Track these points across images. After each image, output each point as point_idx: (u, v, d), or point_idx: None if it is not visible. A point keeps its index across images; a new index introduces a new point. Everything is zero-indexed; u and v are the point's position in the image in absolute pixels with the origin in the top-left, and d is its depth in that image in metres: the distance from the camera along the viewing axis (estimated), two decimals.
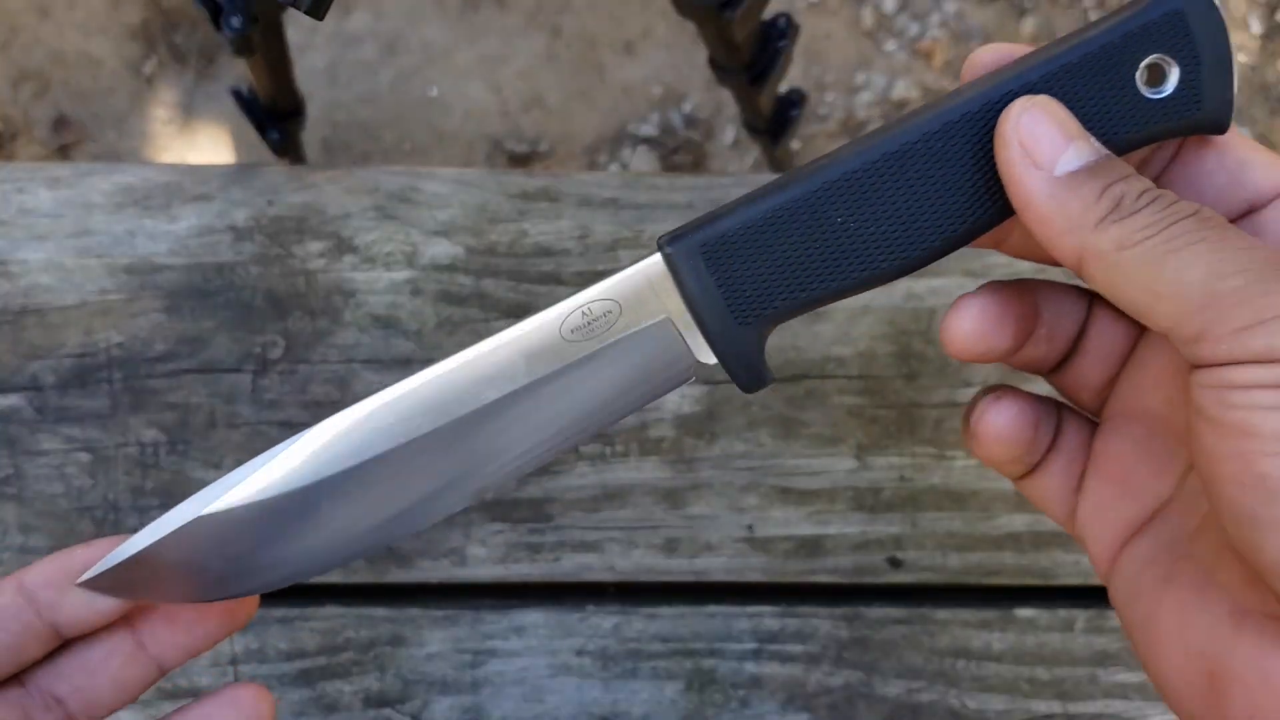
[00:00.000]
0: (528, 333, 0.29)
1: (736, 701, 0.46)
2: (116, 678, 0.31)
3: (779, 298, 0.29)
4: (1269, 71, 1.19)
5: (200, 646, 0.32)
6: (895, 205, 0.28)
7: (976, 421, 0.31)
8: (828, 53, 1.19)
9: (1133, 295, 0.25)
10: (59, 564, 0.30)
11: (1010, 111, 0.27)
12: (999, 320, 0.29)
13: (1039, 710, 0.46)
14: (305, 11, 0.44)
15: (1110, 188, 0.26)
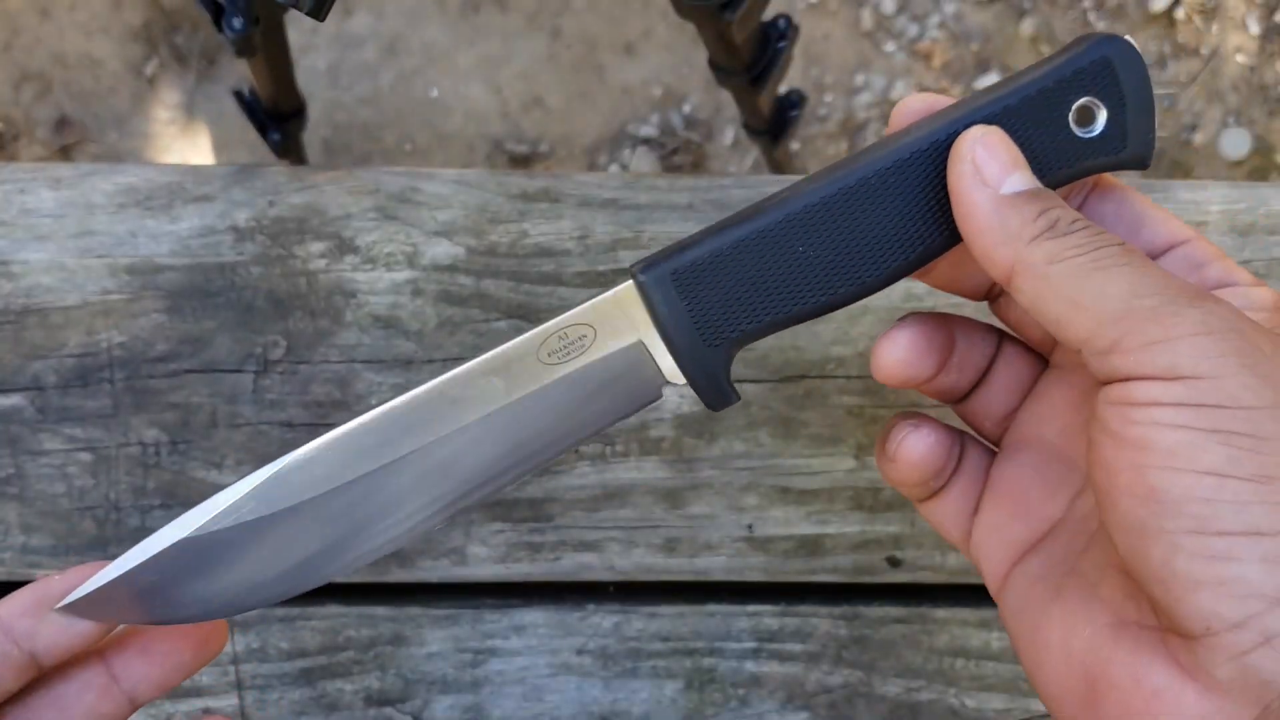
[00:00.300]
0: (507, 355, 0.31)
1: (736, 700, 0.46)
2: (90, 712, 0.31)
3: (744, 321, 0.31)
4: (1267, 72, 1.19)
5: (173, 679, 0.32)
6: (851, 236, 0.30)
7: (896, 447, 0.33)
8: (827, 54, 1.19)
9: (1056, 307, 0.27)
10: (35, 593, 0.30)
11: (968, 134, 0.29)
12: (924, 350, 0.32)
13: (1038, 709, 0.46)
14: (306, 13, 0.45)
15: (1047, 211, 0.28)
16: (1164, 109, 1.19)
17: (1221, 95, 1.19)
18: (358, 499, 0.31)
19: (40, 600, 0.30)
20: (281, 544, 0.31)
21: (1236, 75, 1.19)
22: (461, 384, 0.31)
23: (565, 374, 0.31)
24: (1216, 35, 1.19)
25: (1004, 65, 1.19)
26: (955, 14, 1.19)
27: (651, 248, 0.47)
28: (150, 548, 0.30)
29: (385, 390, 0.46)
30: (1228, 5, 1.19)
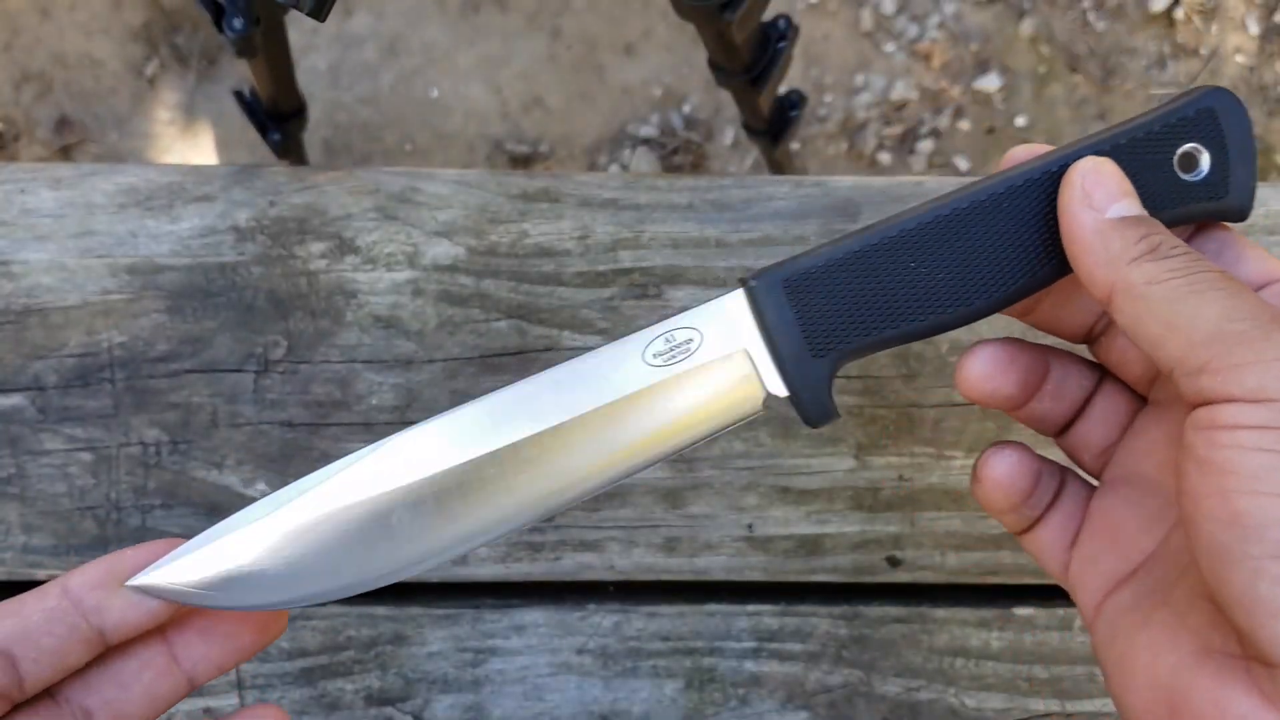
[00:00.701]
0: (612, 354, 0.31)
1: (736, 700, 0.46)
2: (148, 691, 0.31)
3: (852, 335, 0.31)
4: (1267, 73, 1.19)
5: (233, 661, 0.32)
6: (962, 256, 0.31)
7: (981, 467, 0.34)
8: (827, 54, 1.19)
9: (1152, 328, 0.28)
10: (106, 566, 0.30)
11: (1080, 163, 0.31)
12: (1006, 368, 0.33)
13: (1037, 709, 0.46)
14: (307, 13, 0.45)
15: (1149, 235, 0.29)
16: None
17: None
18: (453, 489, 0.30)
19: (112, 574, 0.30)
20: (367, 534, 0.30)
21: (1236, 75, 1.19)
22: (565, 380, 0.31)
23: (668, 377, 0.31)
24: (1216, 35, 1.19)
25: (1004, 65, 1.19)
26: (955, 14, 1.19)
27: (651, 247, 0.47)
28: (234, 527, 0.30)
29: (385, 390, 0.46)
30: (1227, 5, 1.19)
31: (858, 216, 0.47)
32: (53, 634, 0.29)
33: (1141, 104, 1.19)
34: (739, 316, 0.32)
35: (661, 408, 0.31)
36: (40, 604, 0.29)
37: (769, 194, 0.48)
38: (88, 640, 0.29)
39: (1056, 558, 0.34)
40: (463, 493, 0.30)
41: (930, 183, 0.48)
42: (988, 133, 1.18)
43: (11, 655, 0.28)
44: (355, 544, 0.30)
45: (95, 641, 0.29)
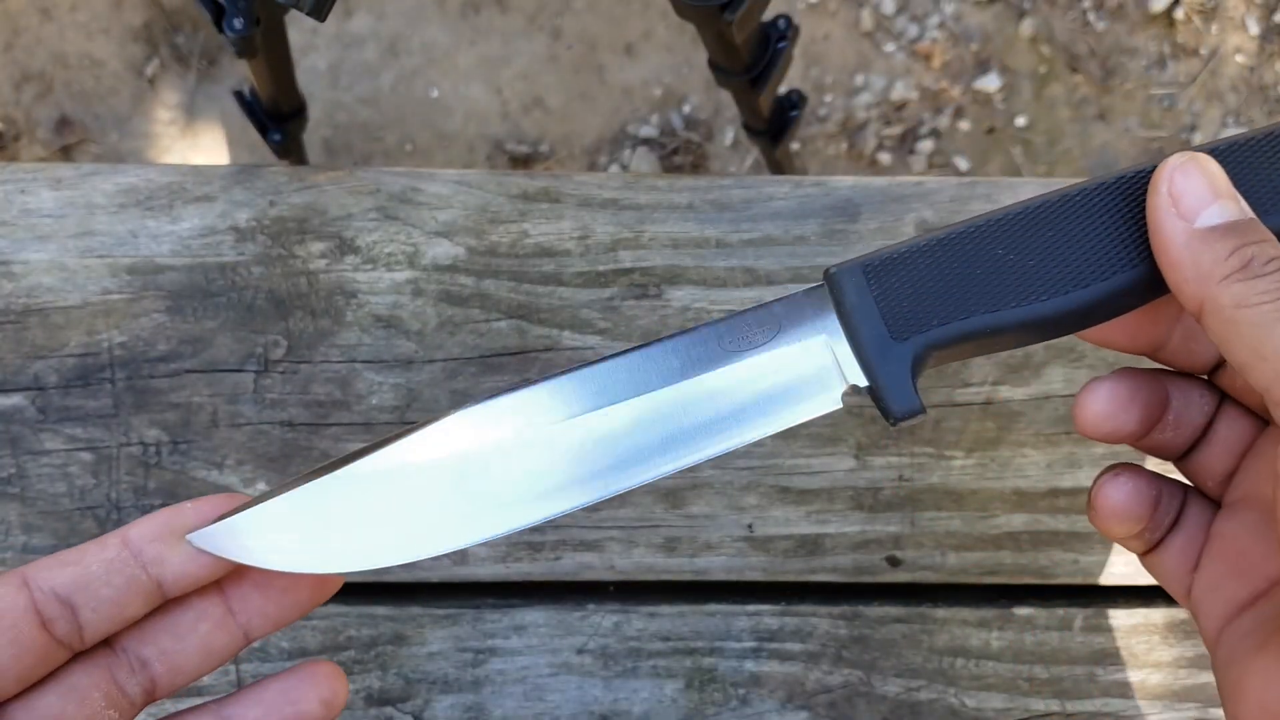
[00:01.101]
0: (688, 338, 0.30)
1: (736, 700, 0.46)
2: (204, 643, 0.30)
3: (936, 317, 0.30)
4: (1267, 72, 1.19)
5: (289, 617, 0.31)
6: (1052, 244, 0.30)
7: (1096, 495, 0.32)
8: (827, 54, 1.19)
9: (1240, 352, 0.27)
10: (166, 518, 0.29)
11: (1168, 162, 0.29)
12: (1127, 404, 0.31)
13: (1037, 709, 0.46)
14: (307, 13, 0.45)
15: (1243, 248, 0.27)
16: (1164, 109, 1.19)
17: (1221, 95, 1.19)
18: (520, 460, 0.29)
19: (171, 527, 0.29)
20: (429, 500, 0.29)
21: (1236, 75, 1.19)
22: (640, 360, 0.30)
23: (743, 361, 0.30)
24: (1216, 35, 1.19)
25: (1004, 65, 1.19)
26: (955, 14, 1.19)
27: (651, 248, 0.47)
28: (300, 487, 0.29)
29: (385, 390, 0.46)
30: (1227, 5, 1.19)
31: (858, 216, 0.47)
32: (112, 584, 0.29)
33: (1141, 104, 1.19)
34: (820, 305, 0.30)
35: (734, 393, 0.30)
36: (100, 554, 0.29)
37: (769, 194, 0.48)
38: (146, 592, 0.29)
39: (1179, 580, 0.33)
40: (531, 462, 0.29)
41: (930, 183, 0.48)
42: (988, 133, 1.18)
43: (72, 604, 0.28)
44: (426, 506, 0.29)
45: (154, 593, 0.29)
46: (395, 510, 0.29)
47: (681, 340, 0.30)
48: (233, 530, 0.29)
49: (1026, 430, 0.47)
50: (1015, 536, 0.47)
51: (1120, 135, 1.18)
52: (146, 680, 0.30)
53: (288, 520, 0.29)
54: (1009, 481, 0.47)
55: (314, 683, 0.31)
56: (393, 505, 0.29)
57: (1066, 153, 1.18)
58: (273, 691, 0.31)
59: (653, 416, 0.30)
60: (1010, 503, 0.47)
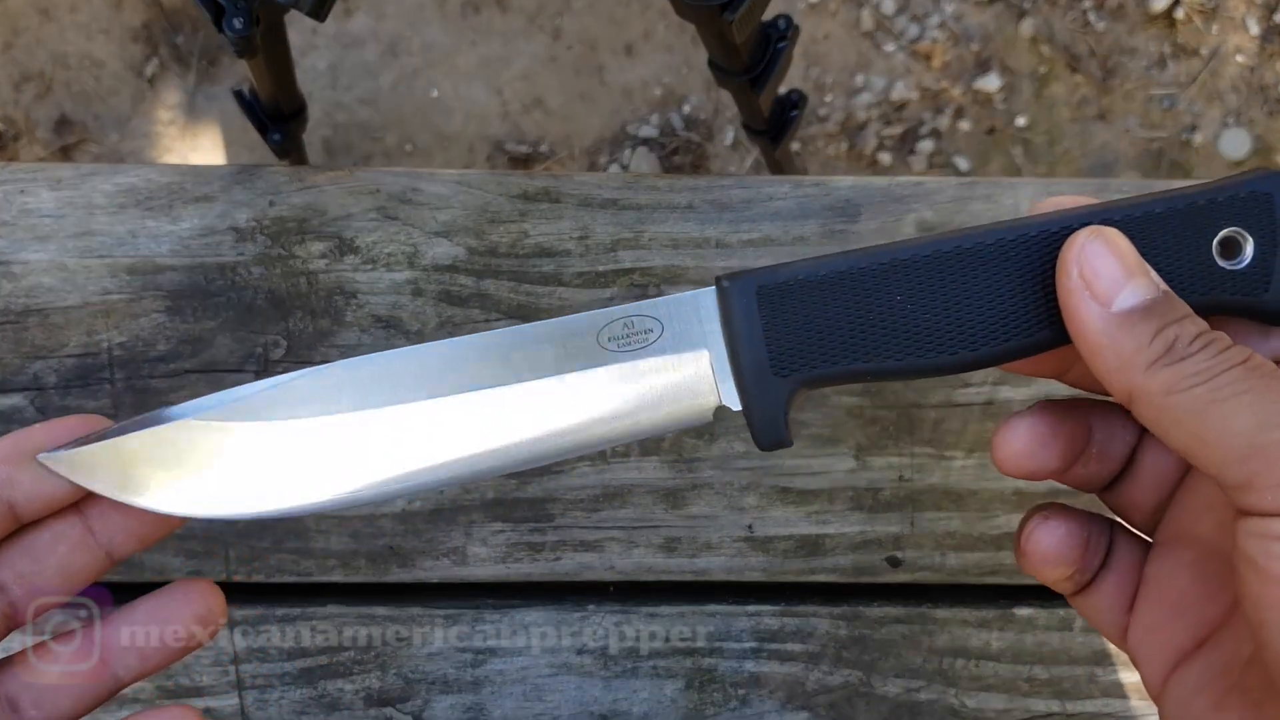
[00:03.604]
0: (567, 327, 0.29)
1: (736, 700, 0.46)
2: (63, 565, 0.30)
3: (821, 358, 0.29)
4: (1267, 72, 1.19)
5: (153, 534, 0.30)
6: (955, 299, 0.28)
7: (1025, 540, 0.31)
8: (827, 54, 1.19)
9: (1179, 439, 0.25)
10: (15, 440, 0.29)
11: (1075, 239, 0.27)
12: (1048, 440, 0.30)
13: (1038, 709, 0.46)
14: (307, 13, 0.45)
15: (1165, 330, 0.26)
16: (1164, 109, 1.19)
17: (1221, 95, 1.19)
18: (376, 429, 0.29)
19: (20, 448, 0.29)
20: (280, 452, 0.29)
21: (1236, 75, 1.19)
22: (514, 342, 0.29)
23: (619, 364, 0.29)
24: (1216, 35, 1.19)
25: (1004, 65, 1.19)
26: (955, 14, 1.19)
27: (651, 248, 0.47)
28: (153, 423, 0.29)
29: None
30: (1228, 5, 1.19)
31: (858, 217, 0.47)
32: None
33: (1141, 104, 1.19)
34: (706, 316, 0.29)
35: (606, 394, 0.29)
36: None
37: (769, 194, 0.47)
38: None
39: (1113, 622, 0.31)
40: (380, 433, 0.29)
41: (930, 183, 0.48)
42: (988, 133, 1.18)
43: None
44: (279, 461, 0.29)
45: (5, 516, 0.29)
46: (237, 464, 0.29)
47: (560, 327, 0.29)
48: (85, 459, 0.29)
49: None
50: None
51: (1120, 135, 1.18)
52: (5, 604, 0.29)
53: (139, 456, 0.29)
54: (1009, 482, 0.47)
55: (186, 600, 0.30)
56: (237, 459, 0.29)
57: (1066, 153, 1.18)
58: (142, 611, 0.30)
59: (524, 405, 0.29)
60: (1010, 503, 0.47)
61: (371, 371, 0.29)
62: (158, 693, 0.45)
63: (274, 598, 0.46)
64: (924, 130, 1.18)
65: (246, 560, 0.46)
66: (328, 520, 0.46)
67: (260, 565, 0.46)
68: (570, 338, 0.29)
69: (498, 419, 0.29)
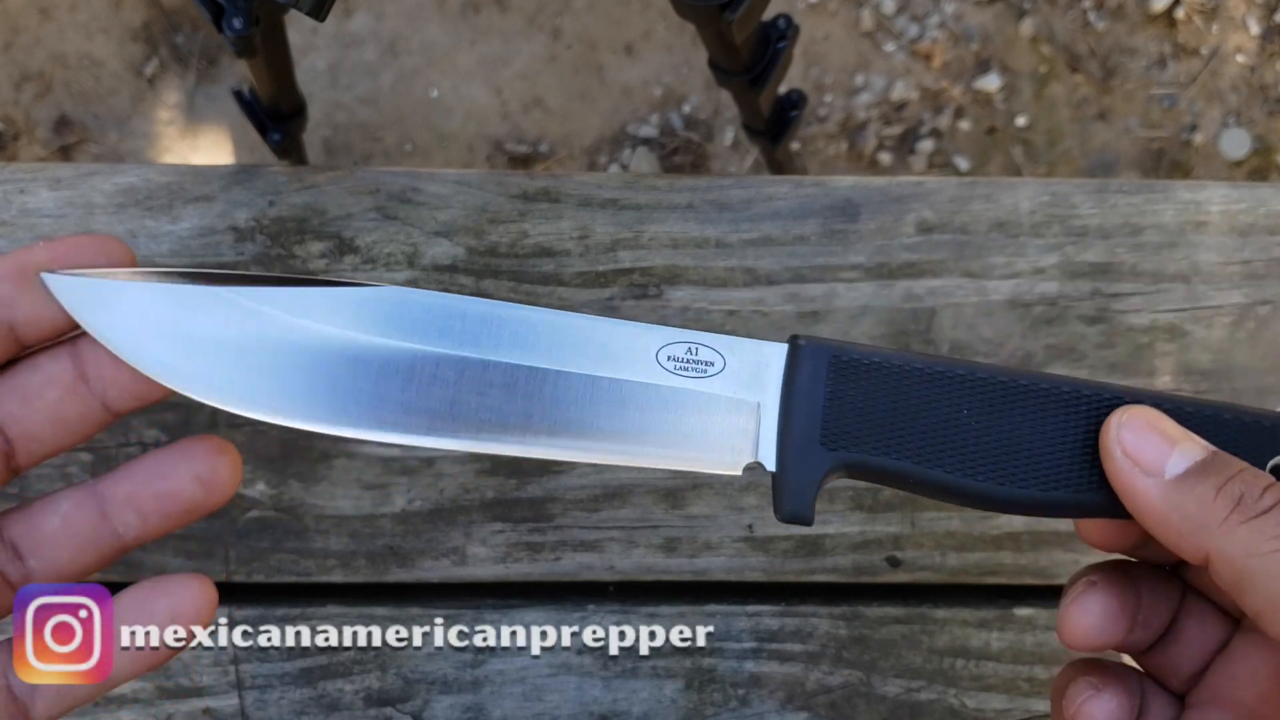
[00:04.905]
0: (629, 334, 0.28)
1: (736, 700, 0.46)
2: (54, 411, 0.28)
3: (872, 445, 0.28)
4: (1267, 72, 1.19)
5: (149, 393, 0.29)
6: (1018, 431, 0.28)
7: (1076, 711, 0.30)
8: (827, 54, 1.19)
9: (1258, 604, 0.25)
10: (17, 260, 0.27)
11: (1109, 423, 0.27)
12: (1117, 615, 0.29)
13: (1038, 709, 0.46)
14: (306, 13, 0.45)
15: (1227, 485, 0.25)
16: (1164, 109, 1.19)
17: (1221, 95, 1.19)
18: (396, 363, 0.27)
19: (22, 266, 0.27)
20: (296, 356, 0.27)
21: (1236, 75, 1.19)
22: (570, 330, 0.28)
23: (667, 385, 0.28)
24: (1216, 35, 1.19)
25: (1004, 65, 1.19)
26: (955, 14, 1.19)
27: (651, 248, 0.47)
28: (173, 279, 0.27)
29: None
30: (1228, 5, 1.19)
31: (858, 216, 0.47)
32: None
33: (1142, 104, 1.19)
34: (771, 367, 0.28)
35: (644, 411, 0.28)
36: None
37: (769, 194, 0.47)
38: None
39: None
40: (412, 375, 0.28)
41: (930, 183, 0.48)
42: (988, 133, 1.18)
43: None
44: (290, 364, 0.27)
45: (6, 338, 0.27)
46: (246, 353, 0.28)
47: (622, 331, 0.28)
48: (94, 292, 0.27)
49: None
50: (1015, 537, 0.47)
51: (1120, 135, 1.18)
52: (2, 442, 0.28)
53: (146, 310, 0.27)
54: None
55: (188, 458, 0.29)
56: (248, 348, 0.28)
57: (1066, 153, 1.18)
58: (144, 466, 0.29)
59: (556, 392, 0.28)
60: None
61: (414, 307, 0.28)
62: (157, 693, 0.45)
63: (274, 598, 0.46)
64: (924, 130, 1.18)
65: (246, 560, 0.46)
66: (328, 520, 0.46)
67: (260, 565, 0.46)
68: (630, 345, 0.28)
69: (526, 396, 0.28)
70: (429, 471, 0.46)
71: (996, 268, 0.47)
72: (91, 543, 0.29)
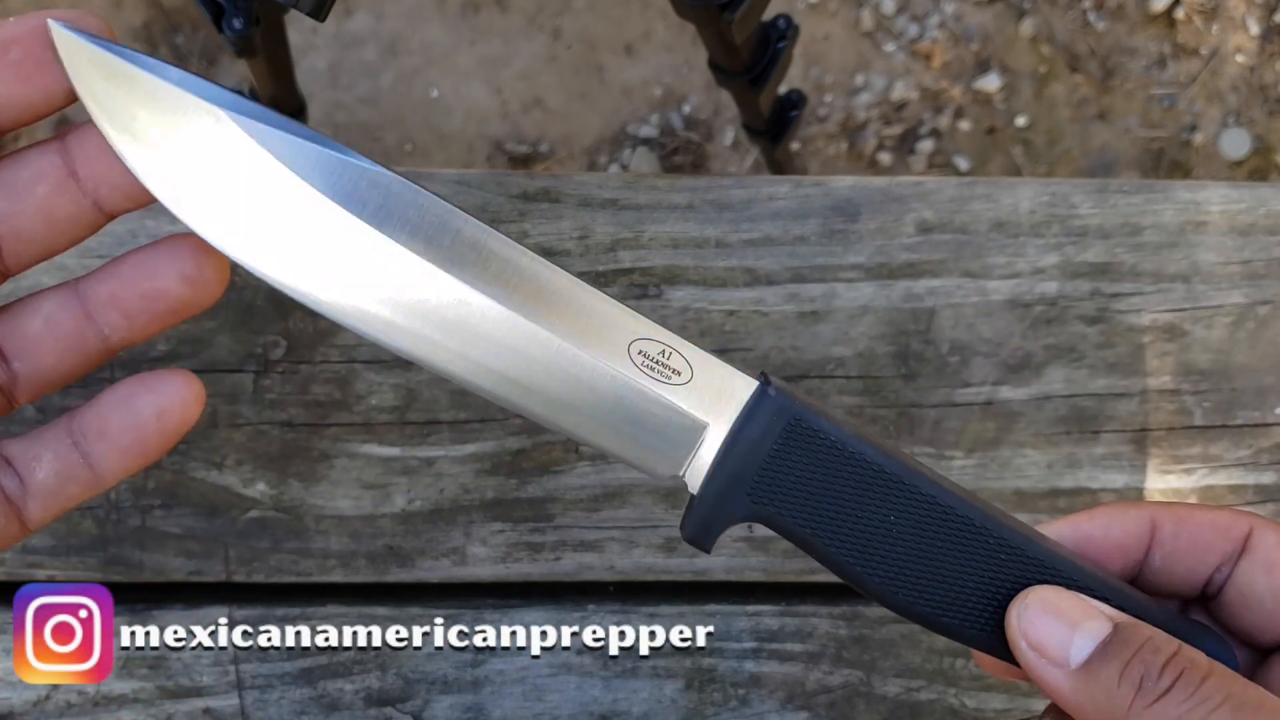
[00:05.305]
0: (607, 314, 0.28)
1: (736, 700, 0.46)
2: (45, 208, 0.27)
3: (793, 512, 0.28)
4: (1267, 72, 1.19)
5: (142, 195, 0.28)
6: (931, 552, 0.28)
7: None
8: (827, 54, 1.19)
9: None
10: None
11: (1010, 612, 0.27)
12: None
13: (1037, 709, 0.46)
14: (306, 13, 0.45)
15: (1129, 667, 0.25)
16: (1164, 109, 1.19)
17: (1221, 95, 1.19)
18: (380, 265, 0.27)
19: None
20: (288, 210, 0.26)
21: (1236, 75, 1.19)
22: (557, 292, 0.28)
23: (631, 383, 0.28)
24: (1216, 35, 1.19)
25: (1004, 65, 1.19)
26: (955, 14, 1.19)
27: (651, 247, 0.47)
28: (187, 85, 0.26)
29: (385, 390, 0.46)
30: (1228, 5, 1.19)
31: (858, 216, 0.47)
32: None
33: (1142, 104, 1.19)
34: (733, 399, 0.28)
35: (593, 391, 0.28)
36: None
37: (769, 194, 0.47)
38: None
39: None
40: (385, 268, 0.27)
41: (930, 183, 0.48)
42: (988, 133, 1.18)
43: None
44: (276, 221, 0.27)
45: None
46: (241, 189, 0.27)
47: (602, 308, 0.28)
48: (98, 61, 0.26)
49: (1026, 431, 0.47)
50: None
51: (1120, 135, 1.18)
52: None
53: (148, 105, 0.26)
54: (1009, 482, 0.47)
55: (173, 256, 0.28)
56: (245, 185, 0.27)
57: (1066, 152, 1.18)
58: (128, 265, 0.28)
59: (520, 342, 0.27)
60: (1010, 503, 0.47)
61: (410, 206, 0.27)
62: (158, 693, 0.45)
63: (274, 598, 0.46)
64: (924, 130, 1.18)
65: (246, 560, 0.46)
66: (328, 520, 0.46)
67: (260, 565, 0.46)
68: (606, 327, 0.28)
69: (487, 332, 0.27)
70: (429, 471, 0.46)
71: (996, 268, 0.47)
72: (77, 345, 0.28)
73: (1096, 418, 0.47)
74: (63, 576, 0.45)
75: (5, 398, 0.28)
